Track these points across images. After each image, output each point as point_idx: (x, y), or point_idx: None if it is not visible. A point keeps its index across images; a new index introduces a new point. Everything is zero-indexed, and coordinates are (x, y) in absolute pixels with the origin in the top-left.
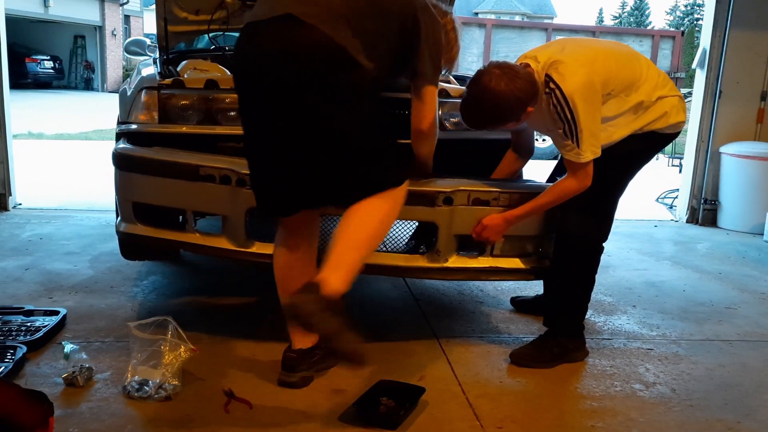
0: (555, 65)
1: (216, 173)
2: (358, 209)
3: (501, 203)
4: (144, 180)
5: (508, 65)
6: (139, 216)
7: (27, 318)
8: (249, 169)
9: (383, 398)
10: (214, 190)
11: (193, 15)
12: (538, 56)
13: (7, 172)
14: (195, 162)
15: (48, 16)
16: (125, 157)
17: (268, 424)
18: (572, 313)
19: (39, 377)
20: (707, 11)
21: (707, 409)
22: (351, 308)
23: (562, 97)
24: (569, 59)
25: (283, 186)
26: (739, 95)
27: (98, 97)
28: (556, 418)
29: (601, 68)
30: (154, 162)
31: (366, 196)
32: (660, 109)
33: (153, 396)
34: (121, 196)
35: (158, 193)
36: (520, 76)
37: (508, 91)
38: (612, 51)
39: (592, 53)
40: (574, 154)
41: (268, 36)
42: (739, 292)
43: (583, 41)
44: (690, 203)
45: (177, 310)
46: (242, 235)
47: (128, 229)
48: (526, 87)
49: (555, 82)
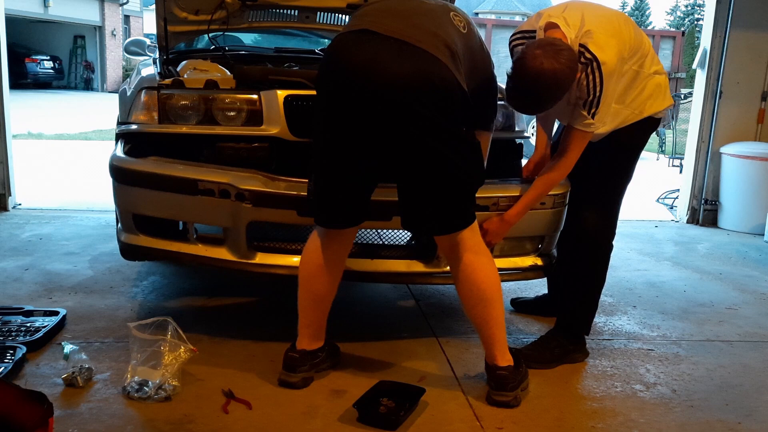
0: (589, 35)
1: (215, 187)
2: (474, 279)
3: (500, 207)
4: (143, 193)
5: (545, 42)
6: (139, 226)
7: (27, 318)
8: (318, 179)
9: (383, 399)
10: (214, 204)
11: (192, 15)
12: (567, 18)
13: (6, 172)
14: (193, 176)
15: (48, 16)
16: (122, 171)
17: (268, 424)
18: (589, 311)
19: (38, 378)
20: (707, 12)
21: (708, 410)
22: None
23: (598, 69)
24: (599, 29)
25: (356, 201)
26: (739, 95)
27: (98, 97)
28: (556, 418)
29: (627, 37)
30: (152, 176)
31: (445, 231)
32: (653, 86)
33: (153, 396)
34: (121, 208)
35: (157, 206)
36: (562, 47)
37: (560, 65)
38: (625, 17)
39: (615, 21)
40: (585, 124)
41: (389, 58)
42: (740, 293)
43: (596, 8)
44: (690, 204)
45: (177, 310)
46: (244, 247)
47: (129, 240)
48: (572, 55)
49: (592, 52)
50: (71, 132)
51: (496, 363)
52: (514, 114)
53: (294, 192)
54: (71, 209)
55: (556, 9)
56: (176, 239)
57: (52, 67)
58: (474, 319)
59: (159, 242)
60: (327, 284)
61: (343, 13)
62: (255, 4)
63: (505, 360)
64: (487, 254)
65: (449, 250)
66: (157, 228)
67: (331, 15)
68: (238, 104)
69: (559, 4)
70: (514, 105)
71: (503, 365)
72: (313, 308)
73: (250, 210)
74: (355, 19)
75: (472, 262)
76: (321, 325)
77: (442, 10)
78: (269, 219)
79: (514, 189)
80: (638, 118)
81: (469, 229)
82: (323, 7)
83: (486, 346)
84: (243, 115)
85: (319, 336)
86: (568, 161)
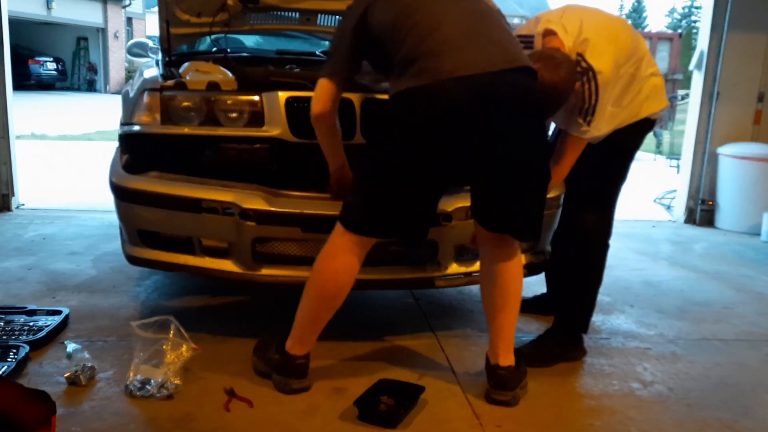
0: (586, 43)
1: (218, 206)
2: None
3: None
4: (146, 210)
5: (545, 55)
6: (144, 240)
7: (30, 317)
8: (373, 197)
9: (383, 397)
10: (218, 221)
11: (195, 17)
12: (566, 25)
13: (10, 172)
14: (196, 195)
15: (51, 18)
16: (124, 189)
17: (269, 422)
18: (588, 309)
19: (42, 376)
20: (705, 13)
21: (704, 408)
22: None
23: (594, 78)
24: (597, 37)
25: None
26: (736, 97)
27: (101, 98)
28: (554, 416)
29: (623, 43)
30: (155, 195)
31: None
32: (649, 88)
33: (155, 395)
34: (125, 223)
35: (161, 223)
36: (561, 59)
37: (560, 79)
38: (623, 23)
39: (613, 28)
40: (581, 131)
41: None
42: (736, 292)
43: (595, 14)
44: (687, 204)
45: (179, 309)
46: (249, 260)
47: (135, 253)
48: (572, 66)
49: (588, 62)
50: (74, 133)
51: (498, 362)
52: None
53: (297, 210)
54: (74, 209)
55: (554, 14)
56: (182, 252)
57: (55, 68)
58: (497, 320)
59: (165, 255)
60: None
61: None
62: (256, 6)
63: (508, 360)
64: (519, 258)
65: (500, 253)
66: (162, 241)
67: (331, 17)
68: (239, 106)
69: (558, 9)
70: None
71: (505, 365)
72: (327, 319)
73: (254, 228)
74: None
75: (514, 267)
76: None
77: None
78: (274, 236)
79: None
80: (634, 120)
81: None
82: (324, 10)
83: (492, 344)
84: (245, 116)
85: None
86: (563, 167)
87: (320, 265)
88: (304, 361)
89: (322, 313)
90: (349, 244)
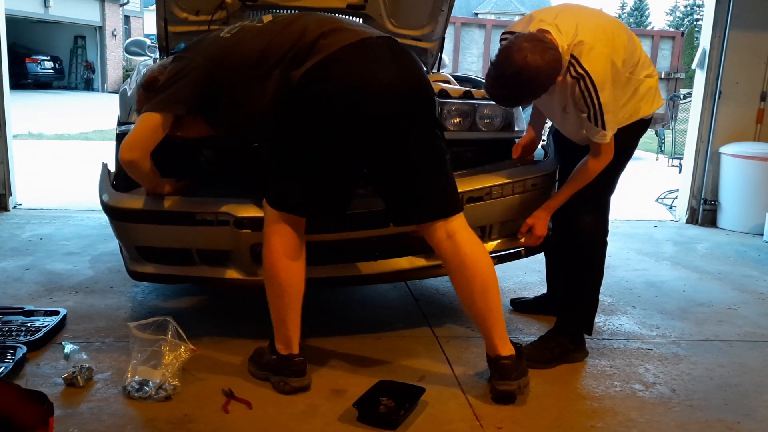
0: (580, 46)
1: (212, 217)
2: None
3: (493, 196)
4: (141, 227)
5: (535, 37)
6: (144, 255)
7: (27, 318)
8: (292, 179)
9: (383, 398)
10: (215, 231)
11: (193, 15)
12: (559, 26)
13: (7, 172)
14: (190, 209)
15: (48, 17)
16: (116, 210)
17: (268, 424)
18: (590, 309)
19: (39, 377)
20: (707, 12)
21: (707, 409)
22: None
23: (591, 83)
24: (593, 40)
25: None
26: (738, 96)
27: (98, 97)
28: (555, 418)
29: (620, 47)
30: (148, 213)
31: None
32: (645, 89)
33: (153, 396)
34: (123, 241)
35: (158, 237)
36: (550, 46)
37: (544, 63)
38: (619, 24)
39: (609, 30)
40: (600, 136)
41: (389, 64)
42: (739, 293)
43: (591, 15)
44: (690, 203)
45: (177, 310)
46: (249, 265)
47: (137, 268)
48: (558, 56)
49: (583, 66)
50: (72, 132)
51: (498, 353)
52: (513, 114)
53: None
54: (72, 209)
55: (548, 14)
56: (183, 264)
57: (52, 67)
58: (474, 311)
59: (166, 268)
60: (304, 276)
61: (343, 14)
62: (255, 4)
63: (507, 349)
64: (479, 243)
65: (450, 244)
66: (162, 255)
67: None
68: None
69: (552, 8)
70: (491, 94)
71: (506, 354)
72: (293, 312)
73: (250, 235)
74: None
75: (472, 250)
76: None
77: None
78: None
79: (505, 177)
80: (631, 121)
81: (459, 217)
82: (323, 8)
83: (487, 338)
84: None
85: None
86: (610, 146)
87: (265, 263)
88: (301, 359)
89: (293, 304)
90: (283, 225)
